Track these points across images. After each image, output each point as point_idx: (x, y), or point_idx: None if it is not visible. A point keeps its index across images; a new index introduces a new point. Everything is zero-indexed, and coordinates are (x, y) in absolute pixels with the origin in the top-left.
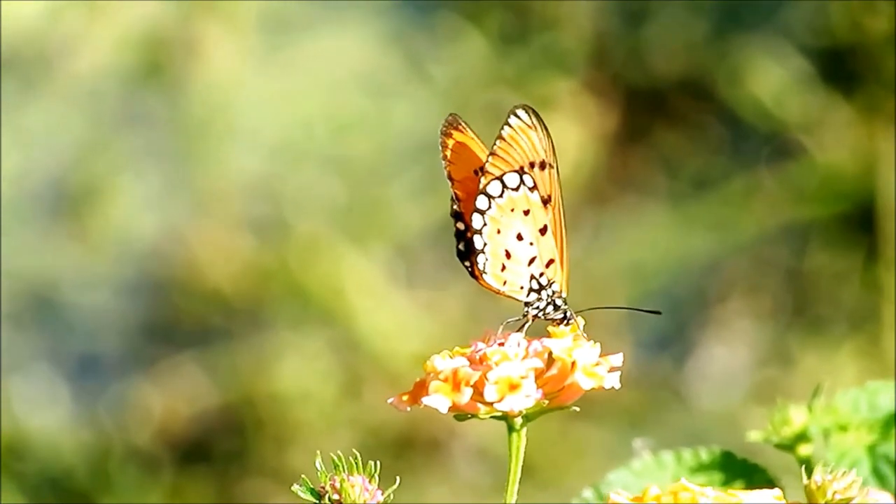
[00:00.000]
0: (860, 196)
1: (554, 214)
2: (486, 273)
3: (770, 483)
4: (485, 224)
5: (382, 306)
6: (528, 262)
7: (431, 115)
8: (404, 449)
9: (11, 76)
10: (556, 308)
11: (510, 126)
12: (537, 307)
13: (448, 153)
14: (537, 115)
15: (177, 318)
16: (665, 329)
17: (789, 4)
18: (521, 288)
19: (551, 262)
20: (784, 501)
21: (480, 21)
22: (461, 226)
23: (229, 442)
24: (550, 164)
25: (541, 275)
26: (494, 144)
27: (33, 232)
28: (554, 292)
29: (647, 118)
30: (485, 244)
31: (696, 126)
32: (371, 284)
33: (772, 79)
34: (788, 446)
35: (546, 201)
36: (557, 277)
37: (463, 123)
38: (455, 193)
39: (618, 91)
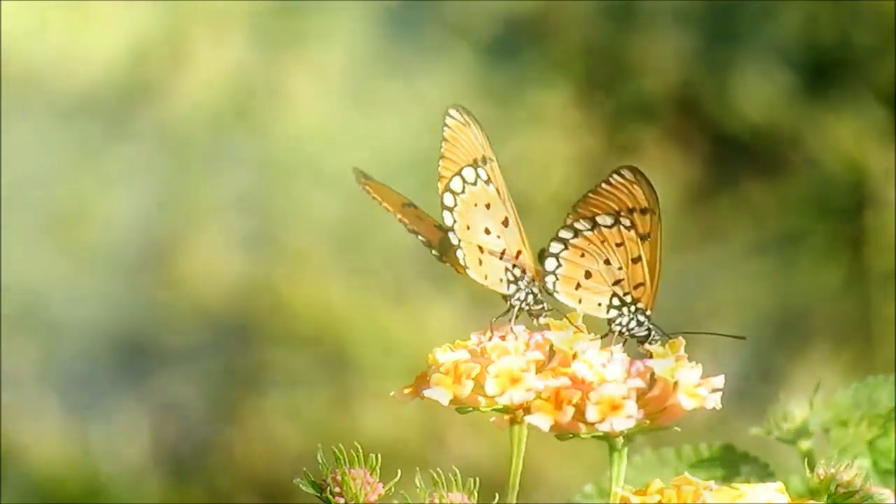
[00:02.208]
0: (849, 209)
1: (508, 206)
2: (468, 267)
3: (770, 476)
4: (455, 221)
5: (371, 322)
6: (499, 254)
7: (516, 162)
8: (390, 465)
9: (95, 118)
10: (535, 297)
11: (448, 126)
12: (518, 298)
13: (374, 195)
14: (468, 112)
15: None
16: None
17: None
18: (500, 280)
19: (519, 252)
20: (786, 495)
21: (567, 68)
22: (421, 238)
23: (218, 456)
24: (491, 158)
25: (513, 266)
26: (441, 147)
27: (24, 245)
28: (530, 281)
29: (732, 167)
30: (459, 239)
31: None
32: (360, 300)
33: (853, 125)
34: (789, 441)
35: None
36: (528, 266)
37: (368, 176)
38: (398, 217)
39: (703, 138)
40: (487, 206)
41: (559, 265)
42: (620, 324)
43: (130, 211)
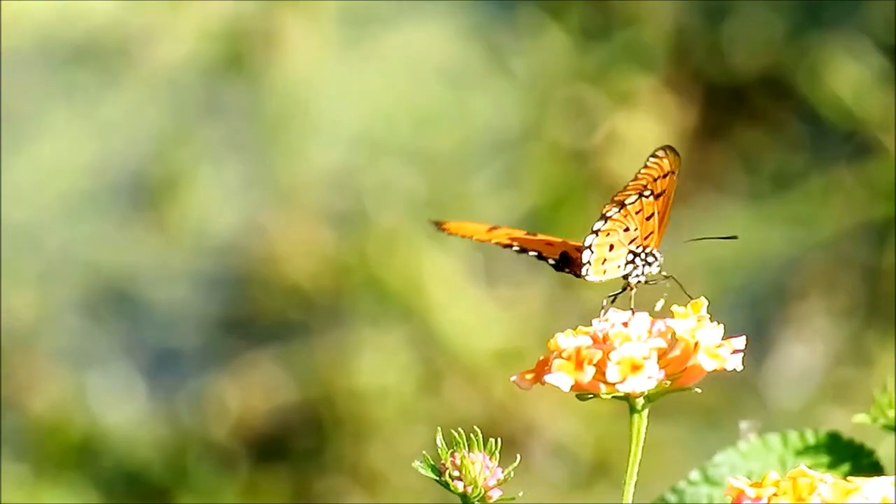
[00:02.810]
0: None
1: (661, 201)
2: (588, 274)
3: (877, 464)
4: (596, 236)
5: (461, 302)
6: (628, 243)
7: (512, 109)
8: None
9: (90, 67)
10: (650, 264)
11: (656, 158)
12: (636, 275)
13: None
14: (671, 149)
15: (255, 313)
16: (743, 326)
17: (868, 2)
18: (619, 267)
19: (651, 234)
20: None
21: (561, 16)
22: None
23: (307, 438)
24: (673, 171)
25: (638, 247)
26: (639, 172)
27: (111, 224)
28: (647, 253)
29: (727, 115)
30: (591, 253)
31: (776, 123)
32: (450, 279)
33: (851, 76)
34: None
35: (658, 195)
36: (652, 242)
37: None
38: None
39: (697, 87)
40: (637, 212)
41: (592, 253)
42: (636, 275)
43: (220, 187)
